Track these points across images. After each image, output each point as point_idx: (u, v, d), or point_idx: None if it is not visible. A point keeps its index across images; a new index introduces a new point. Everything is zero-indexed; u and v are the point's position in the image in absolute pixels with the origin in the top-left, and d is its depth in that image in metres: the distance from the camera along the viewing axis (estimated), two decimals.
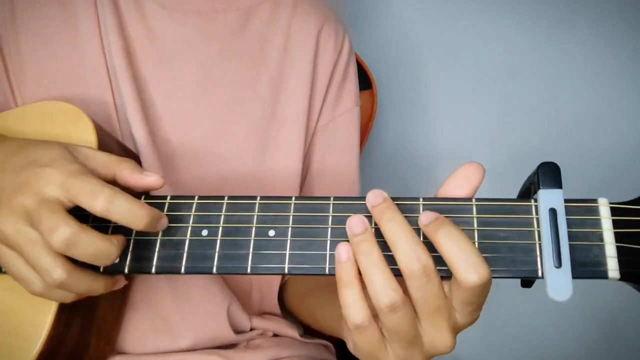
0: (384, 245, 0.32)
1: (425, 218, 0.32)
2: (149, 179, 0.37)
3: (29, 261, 0.34)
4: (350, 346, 0.37)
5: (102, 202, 0.33)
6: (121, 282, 0.38)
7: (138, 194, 0.38)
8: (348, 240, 0.33)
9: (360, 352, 0.35)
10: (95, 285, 0.36)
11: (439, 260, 0.31)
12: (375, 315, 0.32)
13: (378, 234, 0.33)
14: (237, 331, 0.53)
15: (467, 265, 0.30)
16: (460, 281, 0.30)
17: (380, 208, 0.33)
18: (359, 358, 0.37)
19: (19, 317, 0.39)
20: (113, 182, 0.37)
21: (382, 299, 0.31)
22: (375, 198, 0.33)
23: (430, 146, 0.92)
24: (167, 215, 0.37)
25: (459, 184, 0.34)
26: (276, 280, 0.58)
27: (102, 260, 0.34)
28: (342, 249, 0.32)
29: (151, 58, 0.52)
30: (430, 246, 0.31)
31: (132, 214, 0.34)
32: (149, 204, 0.36)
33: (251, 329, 0.55)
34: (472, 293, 0.30)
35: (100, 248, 0.34)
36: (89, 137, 0.43)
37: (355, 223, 0.33)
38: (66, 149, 0.37)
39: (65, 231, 0.32)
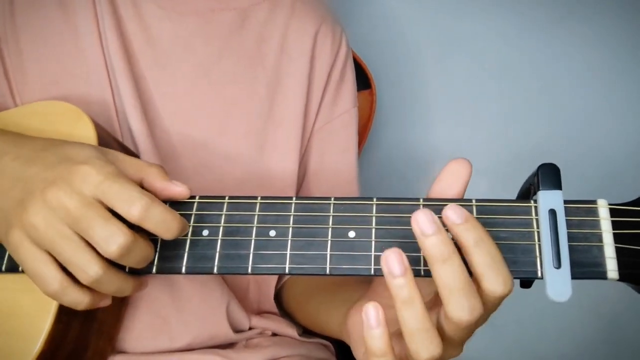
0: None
1: (454, 215, 0.30)
2: (177, 189, 0.37)
3: (63, 258, 0.33)
4: (359, 356, 0.37)
5: (139, 210, 0.33)
6: (145, 284, 0.38)
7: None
8: (349, 240, 0.33)
9: None
10: (125, 286, 0.36)
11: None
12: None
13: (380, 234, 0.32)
14: (236, 330, 0.53)
15: (498, 277, 0.29)
16: (487, 292, 0.29)
17: (435, 242, 0.29)
18: None
19: (19, 317, 0.39)
20: (140, 186, 0.37)
21: (423, 355, 0.29)
22: (426, 225, 0.29)
23: (430, 146, 0.92)
24: None
25: (448, 183, 0.34)
26: (273, 278, 0.58)
27: (143, 264, 0.35)
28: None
29: (149, 58, 0.52)
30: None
31: (165, 225, 0.34)
32: None
33: (250, 328, 0.55)
34: (494, 303, 0.30)
35: (149, 253, 0.35)
36: (90, 136, 0.43)
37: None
38: (97, 149, 0.37)
39: (122, 240, 0.32)
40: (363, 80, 0.77)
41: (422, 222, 0.29)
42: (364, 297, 0.39)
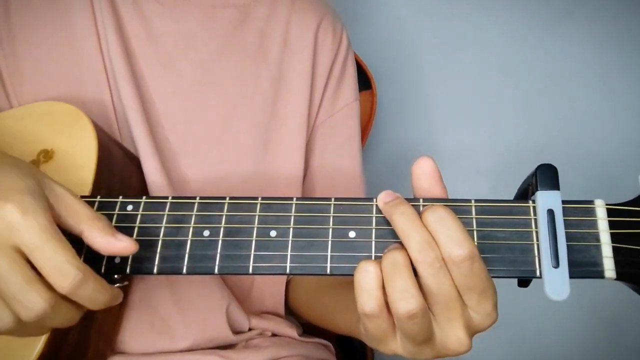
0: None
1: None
2: (120, 244, 0.33)
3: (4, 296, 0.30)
4: (361, 329, 0.37)
5: (69, 285, 0.30)
6: (117, 297, 0.35)
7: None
8: (349, 240, 0.34)
9: (368, 336, 0.34)
10: (76, 316, 0.33)
11: None
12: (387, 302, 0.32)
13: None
14: (236, 331, 0.53)
15: (451, 241, 0.30)
16: (446, 259, 0.30)
17: (393, 204, 0.33)
18: (366, 340, 0.36)
19: None
20: (80, 238, 0.34)
21: (401, 306, 0.30)
22: (386, 196, 0.34)
23: (430, 146, 0.93)
24: (168, 215, 0.37)
25: (427, 184, 0.34)
26: (277, 279, 0.58)
27: (67, 325, 0.32)
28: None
29: (150, 56, 0.52)
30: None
31: (93, 300, 0.32)
32: (150, 204, 0.37)
33: (250, 329, 0.55)
34: (462, 272, 0.30)
35: (73, 318, 0.32)
36: (89, 137, 0.43)
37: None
38: (35, 180, 0.32)
39: (40, 307, 0.30)
40: (363, 81, 0.77)
41: (383, 196, 0.34)
42: None
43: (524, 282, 0.35)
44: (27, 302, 0.30)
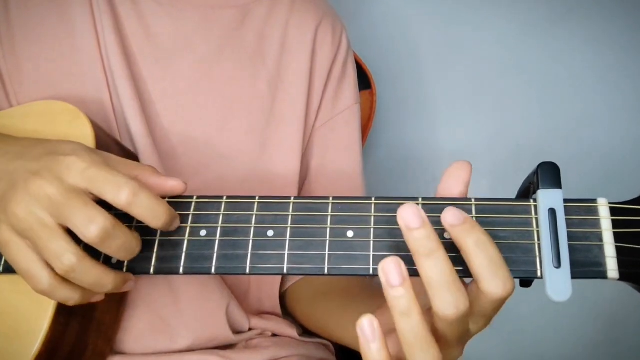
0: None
1: (452, 218, 0.29)
2: (172, 183, 0.37)
3: (39, 246, 0.33)
4: None
5: (127, 194, 0.32)
6: (131, 284, 0.37)
7: None
8: (347, 240, 0.33)
9: None
10: (104, 279, 0.34)
11: (451, 246, 0.30)
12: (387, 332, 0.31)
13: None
14: (236, 331, 0.53)
15: (497, 278, 0.29)
16: (486, 293, 0.29)
17: (418, 236, 0.28)
18: None
19: (16, 318, 0.38)
20: None
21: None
22: (410, 218, 0.29)
23: (430, 146, 0.92)
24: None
25: (449, 185, 0.34)
26: (276, 278, 0.58)
27: (126, 254, 0.34)
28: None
29: (149, 56, 0.52)
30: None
31: (154, 211, 0.33)
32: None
33: (250, 329, 0.54)
34: (494, 305, 0.30)
35: (131, 242, 0.34)
36: (87, 136, 0.43)
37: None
38: (86, 146, 0.37)
39: (101, 222, 0.32)
40: (363, 80, 0.77)
41: (406, 216, 0.28)
42: (380, 310, 0.38)
43: (526, 283, 0.35)
44: (87, 217, 0.32)
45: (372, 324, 0.29)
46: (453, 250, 0.30)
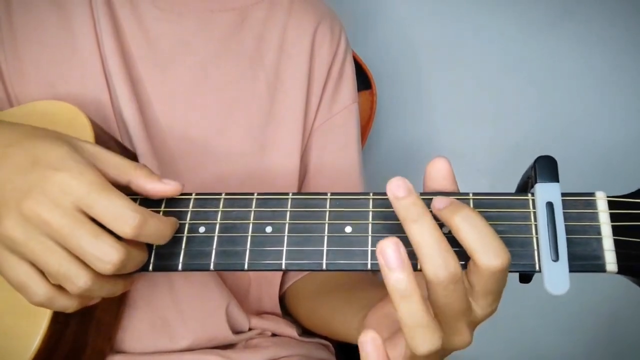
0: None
1: (439, 203, 0.31)
2: (168, 187, 0.35)
3: (47, 270, 0.32)
4: None
5: (132, 229, 0.31)
6: (136, 281, 0.37)
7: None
8: (345, 235, 0.33)
9: None
10: (115, 288, 0.35)
11: (453, 240, 0.30)
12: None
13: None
14: (236, 331, 0.53)
15: (488, 249, 0.28)
16: (481, 266, 0.29)
17: (405, 204, 0.30)
18: None
19: (15, 316, 0.38)
20: (126, 188, 0.35)
21: (421, 350, 0.28)
22: (398, 189, 0.30)
23: (430, 145, 0.92)
24: (164, 212, 0.37)
25: (440, 185, 0.33)
26: (276, 277, 0.58)
27: (137, 268, 0.34)
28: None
29: (147, 60, 0.52)
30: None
31: (159, 237, 0.33)
32: (146, 201, 0.36)
33: (250, 329, 0.54)
34: (493, 279, 0.29)
35: (143, 259, 0.34)
36: (87, 136, 0.43)
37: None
38: (70, 145, 0.34)
39: (116, 258, 0.31)
40: (363, 80, 0.77)
41: (394, 188, 0.30)
42: (383, 300, 0.38)
43: (525, 278, 0.35)
44: (100, 254, 0.31)
45: (375, 342, 0.29)
46: (455, 245, 0.30)
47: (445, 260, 0.28)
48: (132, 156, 0.50)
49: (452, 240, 0.30)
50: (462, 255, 0.30)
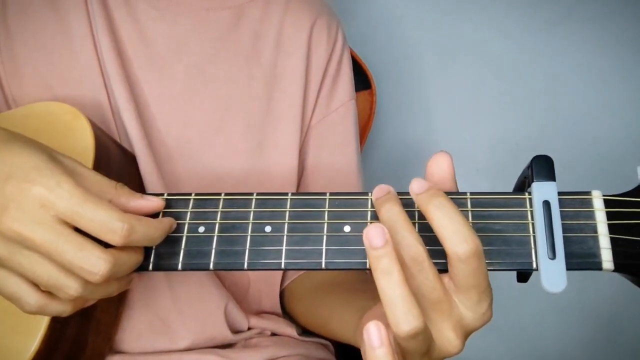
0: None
1: (417, 186, 0.31)
2: (151, 204, 0.35)
3: (37, 281, 0.32)
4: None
5: (120, 237, 0.31)
6: (137, 280, 0.37)
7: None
8: (344, 234, 0.34)
9: None
10: (109, 290, 0.35)
11: (433, 239, 0.30)
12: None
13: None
14: (235, 331, 0.53)
15: (457, 235, 0.29)
16: (451, 254, 0.29)
17: (381, 201, 0.32)
18: None
19: (15, 316, 0.38)
20: None
21: (403, 327, 0.28)
22: (379, 191, 0.32)
23: (430, 146, 0.93)
24: (164, 212, 0.37)
25: (440, 181, 0.33)
26: (275, 277, 0.58)
27: (131, 270, 0.34)
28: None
29: (143, 59, 0.52)
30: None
31: (149, 239, 0.33)
32: None
33: (249, 328, 0.55)
34: (469, 270, 0.29)
35: (137, 261, 0.34)
36: (87, 136, 0.43)
37: (375, 234, 0.29)
38: (46, 154, 0.33)
39: (104, 269, 0.31)
40: (363, 80, 0.77)
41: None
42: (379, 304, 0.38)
43: (523, 277, 0.35)
44: (87, 266, 0.31)
45: (379, 328, 0.29)
46: (435, 244, 0.30)
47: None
48: (131, 157, 0.50)
49: (432, 239, 0.30)
50: (442, 255, 0.31)
